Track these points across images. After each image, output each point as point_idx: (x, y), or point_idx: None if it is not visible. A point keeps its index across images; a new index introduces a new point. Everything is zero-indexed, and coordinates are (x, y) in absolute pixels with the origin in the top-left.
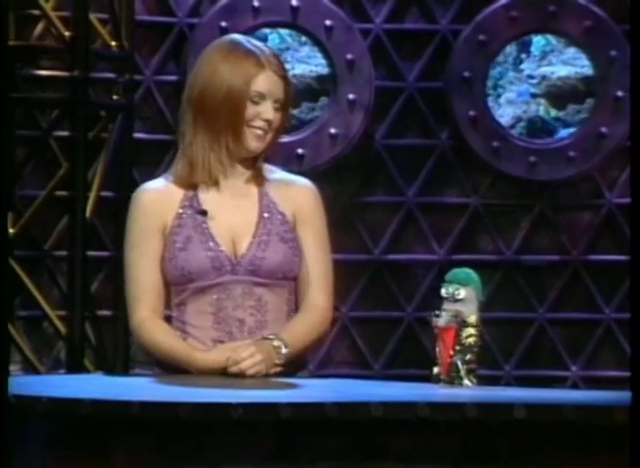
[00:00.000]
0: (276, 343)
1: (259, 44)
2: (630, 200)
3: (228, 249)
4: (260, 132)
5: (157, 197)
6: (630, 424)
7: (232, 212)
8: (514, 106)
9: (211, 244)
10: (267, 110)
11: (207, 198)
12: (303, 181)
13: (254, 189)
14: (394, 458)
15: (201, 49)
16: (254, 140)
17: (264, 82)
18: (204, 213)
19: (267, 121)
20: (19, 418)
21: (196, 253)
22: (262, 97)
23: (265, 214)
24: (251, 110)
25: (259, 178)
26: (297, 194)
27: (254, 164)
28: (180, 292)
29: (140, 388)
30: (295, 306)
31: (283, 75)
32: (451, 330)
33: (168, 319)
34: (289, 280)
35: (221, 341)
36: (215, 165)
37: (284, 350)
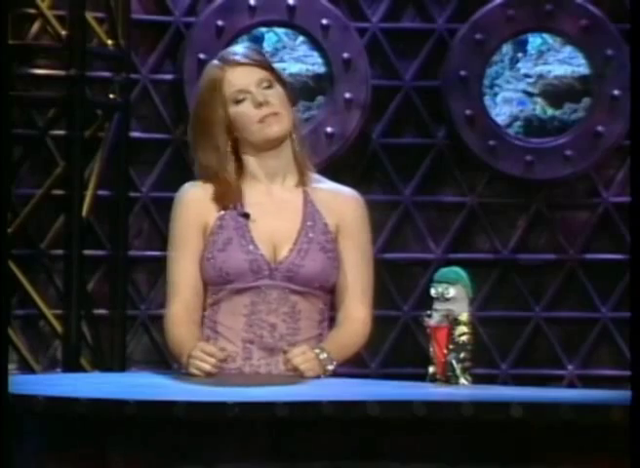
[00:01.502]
0: (323, 356)
1: (224, 51)
2: (628, 199)
3: (268, 253)
4: (269, 118)
5: (201, 195)
6: (630, 424)
7: (275, 216)
8: (511, 105)
9: (250, 247)
10: (257, 96)
11: (250, 200)
12: (350, 192)
13: (298, 195)
14: (390, 457)
15: (198, 48)
16: (269, 127)
17: (233, 77)
18: (247, 215)
19: (264, 104)
20: (15, 417)
21: (235, 255)
22: (243, 91)
23: (308, 223)
24: (243, 109)
25: (304, 180)
26: (342, 204)
27: (294, 161)
28: (216, 292)
29: (137, 387)
30: (328, 317)
31: (248, 61)
32: (443, 329)
33: (202, 319)
34: (324, 290)
35: (252, 342)
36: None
37: (330, 366)
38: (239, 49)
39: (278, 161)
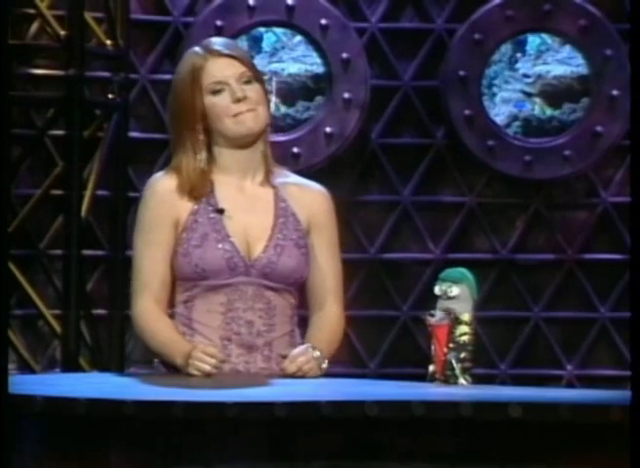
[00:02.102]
0: (317, 354)
1: (207, 40)
2: (627, 199)
3: (243, 250)
4: (245, 114)
5: (172, 187)
6: (630, 424)
7: (248, 212)
8: (510, 105)
9: (227, 243)
10: (235, 90)
11: (222, 195)
12: (318, 187)
13: (269, 191)
14: (389, 457)
15: None
16: (245, 123)
17: (214, 68)
18: (221, 211)
19: (242, 99)
20: (14, 417)
21: (211, 252)
22: (221, 82)
23: (281, 219)
24: (219, 101)
25: (270, 178)
26: (312, 200)
27: (263, 157)
28: (189, 288)
29: (136, 387)
30: (297, 312)
31: (230, 54)
32: (444, 327)
33: (171, 315)
34: (297, 286)
35: (229, 340)
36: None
37: (324, 365)
38: (221, 40)
39: (250, 156)
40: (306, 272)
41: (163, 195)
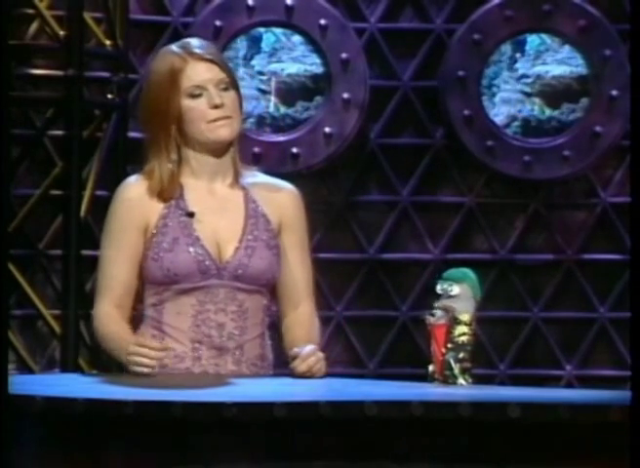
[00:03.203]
0: (321, 355)
1: (186, 41)
2: (626, 199)
3: (214, 252)
4: (221, 121)
5: (141, 192)
6: (630, 424)
7: (218, 214)
8: (509, 105)
9: (198, 247)
10: (213, 96)
11: (192, 199)
12: (288, 187)
13: (239, 192)
14: (388, 457)
15: None
16: (220, 129)
17: (194, 72)
18: (191, 215)
19: (220, 106)
20: (13, 417)
21: (183, 256)
22: (200, 87)
23: (251, 220)
24: (197, 105)
25: (239, 180)
26: (282, 200)
27: (232, 160)
28: (159, 292)
29: (134, 387)
30: (268, 314)
31: (211, 59)
32: (442, 326)
33: (139, 318)
34: (269, 287)
35: (200, 342)
36: (194, 164)
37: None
38: (200, 43)
39: (221, 161)
40: (278, 272)
41: (133, 200)
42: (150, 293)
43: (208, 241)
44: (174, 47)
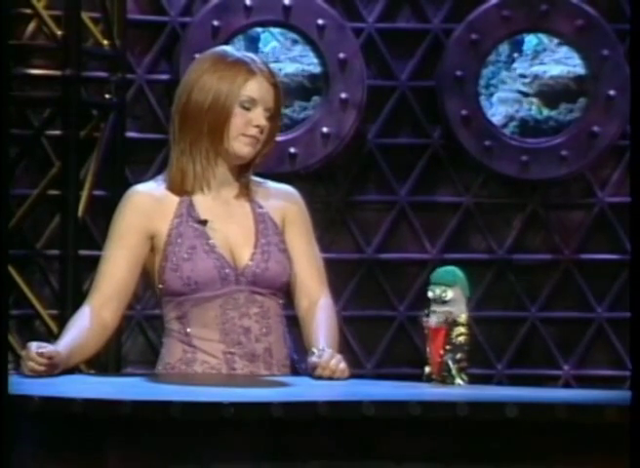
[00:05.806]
0: (339, 356)
1: (249, 54)
2: (624, 199)
3: (230, 259)
4: (252, 139)
5: (150, 200)
6: (630, 424)
7: (228, 221)
8: (506, 105)
9: (215, 254)
10: (259, 117)
11: (202, 207)
12: (289, 188)
13: (244, 199)
14: (386, 457)
15: (193, 48)
16: (246, 146)
17: (256, 87)
18: (204, 222)
19: (259, 127)
20: (11, 417)
21: (202, 264)
22: (254, 102)
23: (261, 225)
24: (242, 118)
25: (247, 189)
26: (283, 200)
27: (244, 173)
28: (180, 302)
29: (133, 387)
30: (284, 312)
31: (274, 83)
32: (441, 330)
33: (162, 331)
34: (283, 289)
35: (232, 353)
36: (206, 174)
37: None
38: (268, 66)
39: (232, 173)
40: (289, 275)
41: (139, 206)
42: (171, 307)
43: (223, 248)
44: (243, 56)
